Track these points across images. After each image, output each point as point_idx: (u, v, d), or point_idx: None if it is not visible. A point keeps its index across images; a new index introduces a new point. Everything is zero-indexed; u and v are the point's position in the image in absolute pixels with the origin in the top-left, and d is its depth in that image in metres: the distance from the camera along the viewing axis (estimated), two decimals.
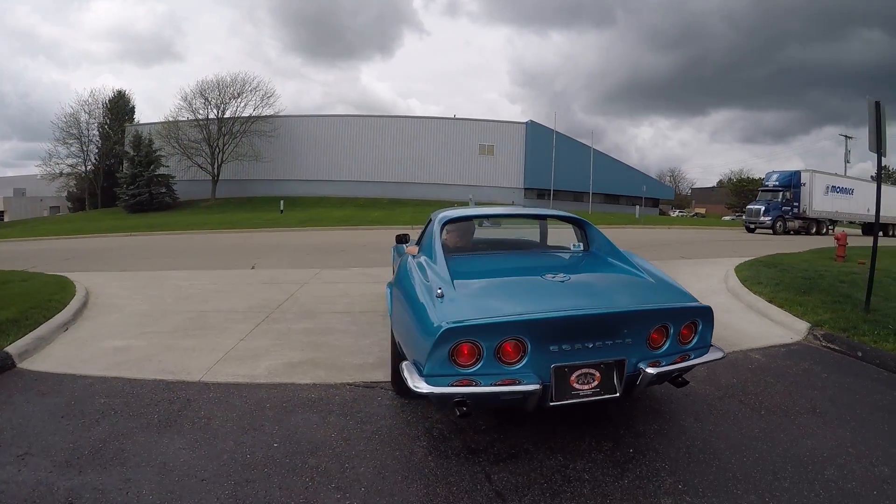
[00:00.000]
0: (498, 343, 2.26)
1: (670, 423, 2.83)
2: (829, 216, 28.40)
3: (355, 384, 3.54)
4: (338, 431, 2.81)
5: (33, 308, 5.09)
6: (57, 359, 4.06)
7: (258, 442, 2.69)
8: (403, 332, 2.75)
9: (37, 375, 3.68)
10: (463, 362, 2.26)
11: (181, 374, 3.73)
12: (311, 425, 2.89)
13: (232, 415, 3.04)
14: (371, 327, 5.25)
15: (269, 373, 3.80)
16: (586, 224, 3.90)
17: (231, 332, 4.86)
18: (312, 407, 3.15)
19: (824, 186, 27.48)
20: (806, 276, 7.19)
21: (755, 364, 3.96)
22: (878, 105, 5.36)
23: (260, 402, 3.24)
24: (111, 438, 2.71)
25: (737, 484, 2.22)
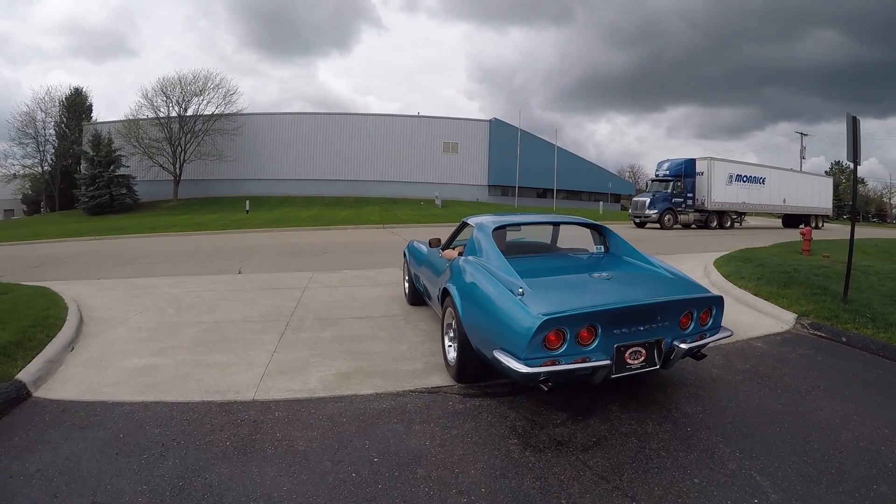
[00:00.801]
0: (578, 329, 2.68)
1: (709, 405, 3.17)
2: (735, 208, 25.23)
3: (418, 391, 3.44)
4: (429, 439, 2.74)
5: (32, 326, 4.53)
6: (77, 384, 3.61)
7: (356, 458, 2.53)
8: (487, 327, 3.00)
9: (62, 405, 3.25)
10: (550, 346, 2.66)
11: (229, 393, 3.40)
12: (399, 435, 2.78)
13: (312, 433, 2.82)
14: (399, 331, 5.04)
15: (325, 386, 3.56)
16: (606, 230, 4.34)
17: (258, 344, 4.51)
18: (390, 417, 3.02)
19: (726, 175, 24.19)
20: (782, 270, 7.60)
21: (759, 351, 4.31)
22: (855, 119, 5.71)
23: (333, 416, 3.04)
24: (190, 474, 2.41)
25: (779, 449, 2.60)
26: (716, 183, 23.66)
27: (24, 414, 3.11)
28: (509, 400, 3.24)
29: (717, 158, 24.26)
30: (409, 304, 6.13)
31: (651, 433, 2.76)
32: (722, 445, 2.61)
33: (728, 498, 2.15)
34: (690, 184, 23.52)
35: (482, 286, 3.23)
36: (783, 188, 26.89)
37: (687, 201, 23.44)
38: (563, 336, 2.67)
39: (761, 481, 2.27)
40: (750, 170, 26.02)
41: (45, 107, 40.68)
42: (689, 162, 23.96)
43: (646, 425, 2.84)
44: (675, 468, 2.40)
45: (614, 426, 2.84)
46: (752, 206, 26.32)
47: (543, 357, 2.64)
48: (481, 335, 3.07)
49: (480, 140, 42.31)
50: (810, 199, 28.60)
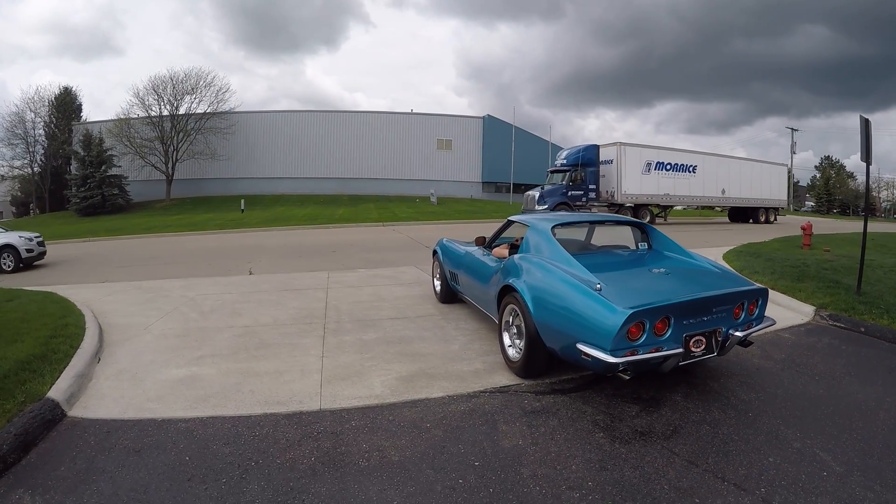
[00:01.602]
0: (655, 321, 2.81)
1: (761, 391, 3.30)
2: (657, 201, 21.46)
3: (488, 391, 3.32)
4: (520, 438, 2.68)
5: (53, 337, 4.10)
6: (116, 400, 3.21)
7: (457, 464, 2.41)
8: (568, 323, 3.03)
9: (105, 425, 2.86)
10: (632, 338, 2.77)
11: (292, 403, 3.06)
12: (489, 437, 2.70)
13: (400, 441, 2.60)
14: (443, 332, 4.74)
15: (392, 391, 3.29)
16: (649, 227, 4.46)
17: (302, 349, 4.16)
18: (472, 419, 2.91)
19: (642, 163, 20.71)
20: (792, 265, 7.71)
21: (790, 342, 4.42)
22: (867, 122, 5.69)
23: (415, 422, 2.84)
24: (283, 497, 2.10)
25: (831, 428, 2.78)
26: (628, 172, 20.17)
27: (64, 438, 2.72)
28: (579, 395, 3.22)
29: (629, 144, 20.92)
30: (441, 303, 5.89)
31: (719, 420, 2.86)
32: (783, 427, 2.77)
33: (801, 472, 2.32)
34: (592, 174, 19.99)
35: (556, 284, 3.25)
36: (722, 177, 23.26)
37: (588, 194, 19.89)
38: (643, 327, 2.79)
39: (824, 456, 2.47)
40: (675, 156, 22.01)
41: (35, 107, 38.99)
42: (589, 148, 20.30)
43: (712, 413, 2.95)
44: (749, 450, 2.52)
45: (684, 415, 2.92)
46: (680, 199, 22.48)
47: (626, 348, 2.75)
48: (560, 331, 3.11)
49: (474, 137, 41.83)
50: (759, 190, 24.84)
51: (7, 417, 2.76)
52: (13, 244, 11.10)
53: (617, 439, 2.64)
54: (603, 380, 3.40)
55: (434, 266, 6.24)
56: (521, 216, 4.65)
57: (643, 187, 20.86)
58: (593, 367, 2.90)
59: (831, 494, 2.14)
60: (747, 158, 27.04)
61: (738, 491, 2.15)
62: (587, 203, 20.01)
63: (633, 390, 3.26)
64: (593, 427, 2.78)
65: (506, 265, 3.92)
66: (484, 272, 4.41)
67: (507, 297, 3.70)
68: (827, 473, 2.31)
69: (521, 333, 3.54)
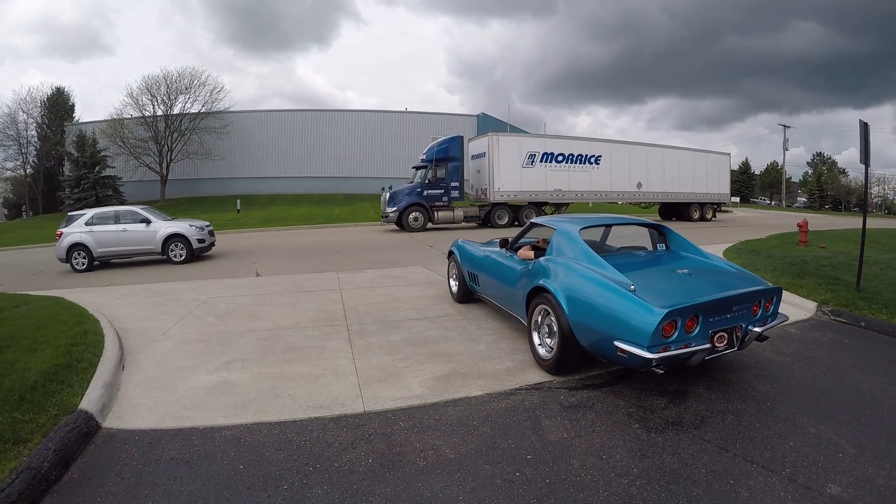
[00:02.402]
0: (686, 319, 2.93)
1: (776, 383, 3.43)
2: (544, 198, 18.44)
3: (524, 388, 3.37)
4: (564, 431, 2.76)
5: (74, 345, 3.97)
6: (150, 409, 3.11)
7: (511, 458, 2.49)
8: (605, 322, 3.12)
9: (146, 436, 2.76)
10: (665, 335, 2.89)
11: (335, 407, 3.00)
12: (535, 431, 2.77)
13: (451, 439, 2.64)
14: (467, 331, 4.70)
15: (431, 391, 3.28)
16: (666, 228, 4.51)
17: (331, 352, 4.08)
18: (515, 415, 2.96)
19: (523, 155, 17.75)
20: (791, 262, 7.84)
21: (796, 336, 4.52)
22: (866, 126, 5.84)
23: (462, 421, 2.88)
24: (349, 500, 2.07)
25: (842, 415, 2.93)
26: (502, 166, 17.34)
27: (104, 451, 2.61)
28: (609, 390, 3.31)
29: (504, 134, 18.63)
30: (458, 303, 5.84)
31: (741, 409, 3.00)
32: (799, 415, 2.92)
33: (819, 454, 2.49)
34: (454, 170, 17.12)
35: (591, 285, 3.34)
36: (638, 169, 20.17)
37: (451, 192, 17.14)
38: (676, 325, 2.92)
39: (838, 440, 2.62)
40: (571, 146, 18.87)
41: (27, 108, 37.90)
42: (452, 141, 17.36)
43: (733, 403, 3.09)
44: (771, 436, 2.68)
45: (709, 406, 3.05)
46: (578, 195, 19.15)
47: (660, 344, 2.87)
48: (597, 329, 3.19)
49: (468, 135, 41.59)
50: (690, 183, 21.39)
51: (42, 432, 2.64)
52: (183, 234, 10.44)
53: (652, 429, 2.75)
54: (628, 375, 3.48)
55: (449, 267, 6.21)
56: (544, 218, 4.72)
57: (525, 182, 17.86)
58: (629, 363, 2.99)
59: (848, 473, 2.31)
60: (677, 147, 23.23)
61: (766, 472, 2.32)
62: (449, 203, 17.20)
63: (659, 384, 3.34)
64: (628, 419, 2.88)
65: (534, 267, 3.96)
66: (509, 274, 4.42)
67: (538, 297, 3.73)
68: (842, 455, 2.47)
69: (552, 332, 3.60)
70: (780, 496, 2.13)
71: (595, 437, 2.67)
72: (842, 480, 2.24)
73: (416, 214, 16.63)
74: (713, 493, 2.16)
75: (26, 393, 3.04)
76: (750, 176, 65.37)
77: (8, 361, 3.62)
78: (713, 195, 22.84)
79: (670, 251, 4.35)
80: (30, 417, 2.75)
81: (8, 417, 2.74)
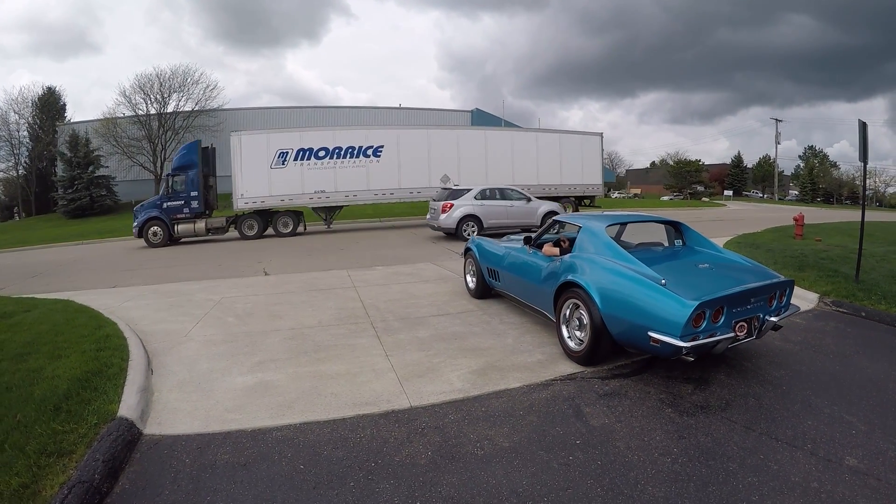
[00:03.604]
0: (713, 310, 3.12)
1: (789, 369, 3.61)
2: (304, 202, 15.77)
3: (559, 379, 3.46)
4: (605, 417, 2.88)
5: (100, 350, 3.87)
6: (191, 413, 3.03)
7: (562, 443, 2.59)
8: (639, 314, 3.26)
9: (192, 441, 2.69)
10: (695, 325, 3.06)
11: (382, 403, 2.99)
12: (579, 418, 2.88)
13: (503, 429, 2.73)
14: (491, 326, 4.70)
15: (472, 384, 3.32)
16: (683, 225, 4.66)
17: (362, 350, 4.03)
18: (557, 404, 3.06)
19: (272, 154, 15.42)
20: (791, 255, 8.03)
21: (801, 326, 4.66)
22: (864, 125, 6.02)
23: (508, 411, 2.96)
24: (421, 491, 2.13)
25: (851, 396, 3.13)
26: (245, 169, 15.18)
27: (152, 459, 2.54)
28: (638, 378, 3.44)
29: (248, 132, 16.25)
30: (475, 298, 5.87)
31: (760, 393, 3.18)
32: (813, 397, 3.11)
33: (835, 431, 2.68)
34: (192, 178, 15.10)
35: (622, 280, 3.46)
36: (442, 159, 16.26)
37: (191, 204, 15.09)
38: (704, 316, 3.10)
39: (850, 419, 2.82)
40: (335, 138, 15.71)
41: (18, 108, 37.02)
42: (191, 147, 15.46)
43: (753, 388, 3.26)
44: (790, 415, 2.88)
45: (731, 390, 3.21)
46: (349, 195, 15.96)
47: (690, 334, 3.06)
48: (630, 321, 3.32)
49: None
50: (533, 172, 17.31)
51: (85, 443, 2.56)
52: (556, 210, 12.35)
53: (683, 413, 2.91)
54: (653, 364, 3.63)
55: (466, 263, 6.22)
56: (567, 216, 4.99)
57: (275, 186, 15.26)
58: (661, 352, 3.17)
59: (862, 447, 2.51)
60: (533, 129, 20.00)
61: (790, 448, 2.52)
62: (191, 215, 15.15)
63: (683, 372, 3.49)
64: (661, 404, 3.02)
65: (562, 263, 4.04)
66: (534, 270, 4.46)
67: (567, 292, 3.82)
68: (855, 432, 2.67)
69: (581, 325, 3.71)
70: (804, 468, 2.33)
71: (634, 422, 2.81)
72: (857, 454, 2.44)
73: (156, 229, 14.78)
74: (747, 467, 2.35)
75: (61, 402, 2.95)
76: (742, 169, 66.11)
77: (33, 369, 3.51)
78: (575, 187, 18.62)
79: (687, 246, 4.50)
80: (70, 428, 2.66)
81: (47, 429, 2.64)
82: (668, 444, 2.55)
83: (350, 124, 39.89)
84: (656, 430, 2.69)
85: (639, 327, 3.21)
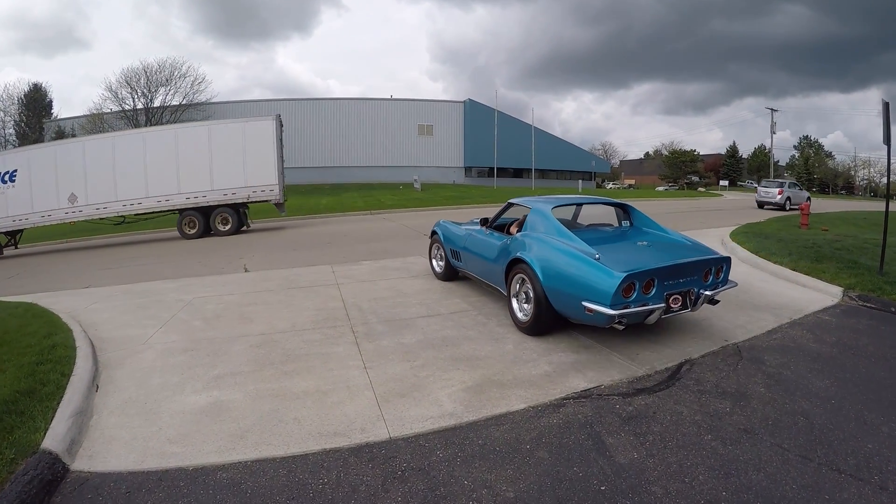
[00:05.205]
0: (644, 282, 3.32)
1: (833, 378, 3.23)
2: None
3: (570, 397, 2.96)
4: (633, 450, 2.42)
5: (40, 363, 3.38)
6: (128, 444, 2.56)
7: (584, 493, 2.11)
8: (574, 286, 3.51)
9: (122, 482, 2.22)
10: (625, 296, 3.26)
11: (354, 433, 2.50)
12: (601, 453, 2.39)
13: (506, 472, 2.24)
14: (487, 329, 4.24)
15: (465, 406, 2.81)
16: (630, 207, 4.93)
17: (338, 360, 3.56)
18: (571, 433, 2.57)
19: None
20: (804, 245, 7.67)
21: (832, 324, 4.33)
22: (888, 105, 5.65)
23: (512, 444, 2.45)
24: None
25: None
26: None
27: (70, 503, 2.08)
28: (665, 394, 3.00)
29: None
30: (442, 281, 6.10)
31: (808, 410, 2.79)
32: (866, 412, 2.75)
33: None
34: None
35: (562, 255, 3.73)
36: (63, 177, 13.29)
37: None
38: (634, 287, 3.30)
39: None
40: None
41: (4, 105, 36.37)
42: None
43: (798, 402, 2.87)
44: (847, 438, 2.49)
45: (776, 407, 2.82)
46: None
47: (621, 303, 3.25)
48: (567, 293, 3.57)
49: (455, 122, 40.66)
50: (206, 177, 13.59)
51: None
52: None
53: (726, 441, 2.48)
54: (680, 374, 3.28)
55: (432, 246, 6.38)
56: (521, 199, 5.12)
57: None
58: (595, 321, 3.37)
59: None
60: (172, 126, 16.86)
61: (856, 482, 2.13)
62: None
63: (715, 384, 3.11)
64: (698, 430, 2.58)
65: (512, 241, 4.35)
66: (490, 249, 4.77)
67: (515, 268, 4.12)
68: None
69: (528, 299, 3.99)
70: None
71: (669, 456, 2.33)
72: None
73: None
74: None
75: None
76: (738, 160, 66.09)
77: None
78: (251, 190, 13.93)
79: (634, 227, 4.80)
80: None
81: None
82: (716, 486, 2.10)
83: (342, 116, 39.28)
84: (698, 467, 2.25)
85: (574, 298, 3.46)
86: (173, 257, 10.34)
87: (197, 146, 13.72)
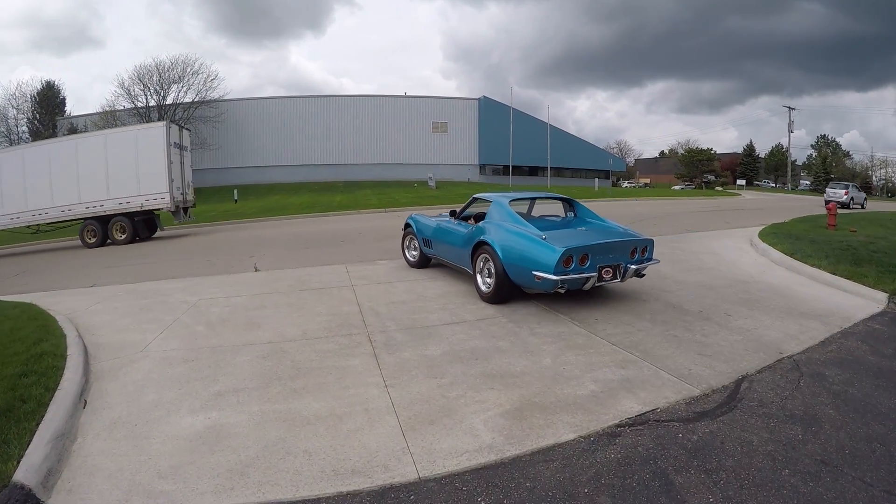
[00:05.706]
0: (579, 256, 4.23)
1: None
2: None
3: (625, 424, 2.56)
4: (709, 492, 2.06)
5: (23, 375, 3.03)
6: (112, 477, 2.18)
7: None
8: (526, 260, 4.39)
9: None
10: (565, 266, 4.17)
11: (374, 472, 2.08)
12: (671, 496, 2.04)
13: None
14: (521, 339, 3.80)
15: (506, 437, 2.37)
16: (574, 201, 5.95)
17: (354, 375, 3.15)
18: (634, 471, 2.19)
19: None
20: (839, 247, 7.39)
21: (885, 334, 4.05)
22: None
23: (565, 487, 2.03)
24: None
25: None
26: None
27: None
28: (729, 419, 2.65)
29: None
30: (415, 268, 6.76)
31: (884, 435, 2.49)
32: None
33: None
34: None
35: (516, 237, 4.62)
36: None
37: None
38: (572, 260, 4.18)
39: None
40: None
41: (17, 103, 36.91)
42: None
43: (872, 426, 2.59)
44: None
45: (849, 433, 2.52)
46: None
47: (562, 273, 4.13)
48: (521, 266, 4.43)
49: (470, 119, 40.10)
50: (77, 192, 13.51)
51: None
52: None
53: (806, 476, 2.19)
54: (740, 394, 2.93)
55: (405, 238, 7.00)
56: (483, 194, 6.09)
57: None
58: (542, 286, 4.27)
59: None
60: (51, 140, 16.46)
61: None
62: None
63: (781, 406, 2.82)
64: (773, 463, 2.26)
65: (476, 228, 5.19)
66: (458, 237, 5.59)
67: (480, 249, 4.98)
68: None
69: (490, 274, 4.83)
70: None
71: (748, 499, 1.99)
72: None
73: None
74: None
75: None
76: (755, 158, 64.70)
77: None
78: (144, 199, 13.59)
79: (577, 217, 5.71)
80: None
81: None
82: None
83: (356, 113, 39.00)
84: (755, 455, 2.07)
85: (527, 270, 4.30)
86: (182, 256, 10.08)
87: (95, 155, 13.71)
